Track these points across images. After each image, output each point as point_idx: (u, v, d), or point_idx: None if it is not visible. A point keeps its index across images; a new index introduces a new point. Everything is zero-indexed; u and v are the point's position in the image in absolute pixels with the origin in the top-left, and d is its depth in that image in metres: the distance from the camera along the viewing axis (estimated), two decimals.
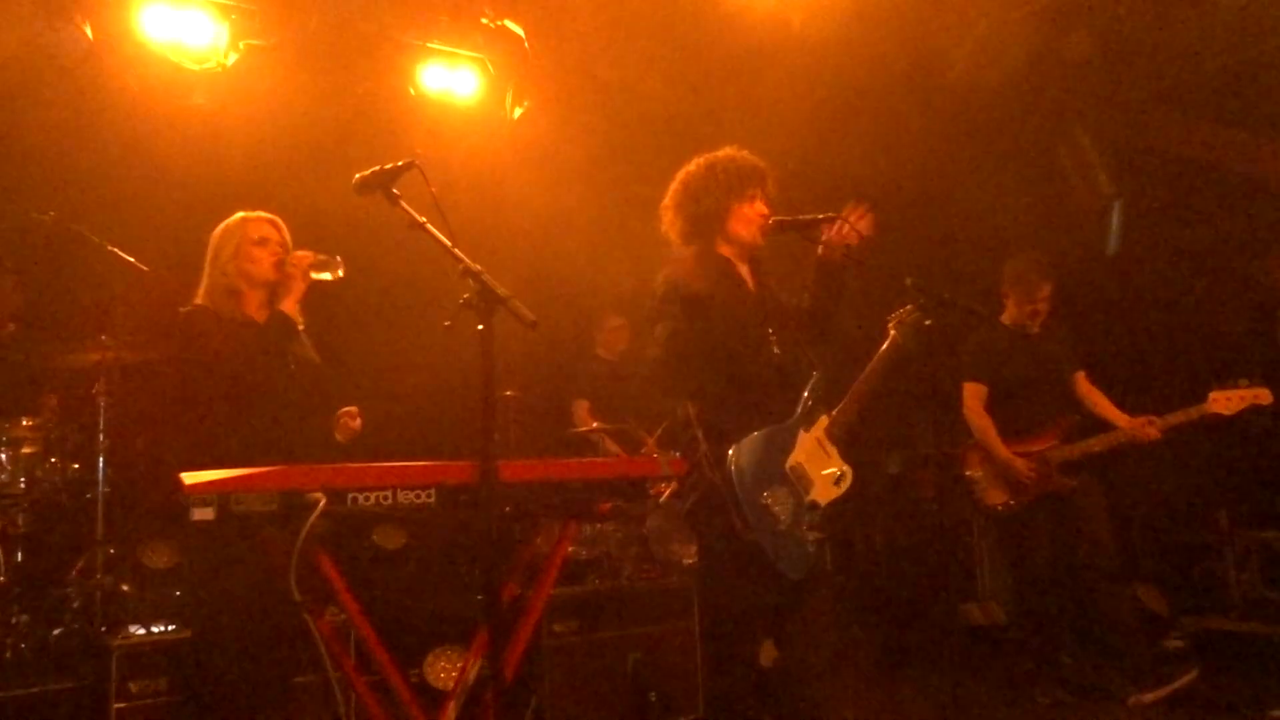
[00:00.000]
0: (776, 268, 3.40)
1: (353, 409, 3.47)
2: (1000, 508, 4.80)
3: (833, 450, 3.18)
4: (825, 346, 3.34)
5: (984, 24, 5.12)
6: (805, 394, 3.16)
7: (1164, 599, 5.93)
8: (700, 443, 3.04)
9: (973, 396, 4.91)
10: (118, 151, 5.14)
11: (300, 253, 3.33)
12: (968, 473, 4.89)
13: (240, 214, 3.42)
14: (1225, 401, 4.43)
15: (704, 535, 3.18)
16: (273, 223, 3.41)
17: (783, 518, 2.99)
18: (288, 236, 3.44)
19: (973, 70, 5.31)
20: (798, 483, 3.07)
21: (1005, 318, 4.97)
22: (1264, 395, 4.43)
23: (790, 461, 3.08)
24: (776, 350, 3.17)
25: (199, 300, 3.34)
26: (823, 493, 3.12)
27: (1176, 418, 4.53)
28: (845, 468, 3.19)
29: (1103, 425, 4.76)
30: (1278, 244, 6.21)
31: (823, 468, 3.15)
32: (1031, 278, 4.82)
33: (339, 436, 3.51)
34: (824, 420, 3.19)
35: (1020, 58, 5.18)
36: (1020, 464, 4.70)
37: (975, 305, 3.21)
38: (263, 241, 3.33)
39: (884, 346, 3.25)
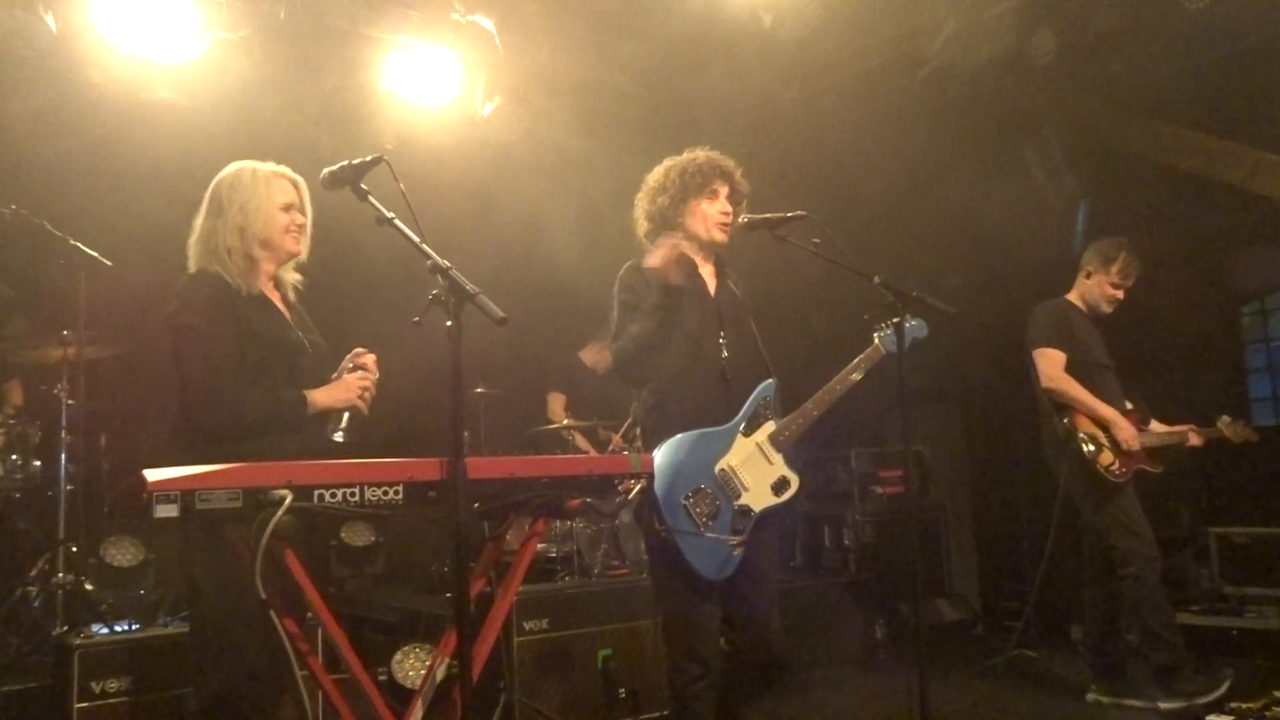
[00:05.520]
0: (745, 266, 3.43)
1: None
2: (1115, 471, 4.47)
3: (776, 457, 3.17)
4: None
5: (954, 22, 5.15)
6: (749, 399, 3.16)
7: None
8: (637, 440, 3.13)
9: (1054, 364, 4.58)
10: (82, 144, 5.05)
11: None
12: (1082, 432, 4.49)
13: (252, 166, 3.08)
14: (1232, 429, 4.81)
15: (644, 532, 3.25)
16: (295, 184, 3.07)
17: (701, 520, 3.01)
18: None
19: (944, 68, 5.35)
20: (725, 486, 3.08)
21: (1075, 297, 4.78)
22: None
23: (720, 465, 3.09)
24: (725, 355, 3.19)
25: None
26: (757, 499, 3.11)
27: (1216, 432, 4.76)
28: (790, 474, 3.16)
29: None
30: (1241, 245, 6.32)
31: (760, 474, 3.13)
32: (1129, 259, 4.66)
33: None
34: (769, 426, 3.19)
35: (989, 57, 5.22)
36: (1126, 422, 4.50)
37: (942, 304, 3.22)
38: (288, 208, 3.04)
39: (863, 355, 3.27)
